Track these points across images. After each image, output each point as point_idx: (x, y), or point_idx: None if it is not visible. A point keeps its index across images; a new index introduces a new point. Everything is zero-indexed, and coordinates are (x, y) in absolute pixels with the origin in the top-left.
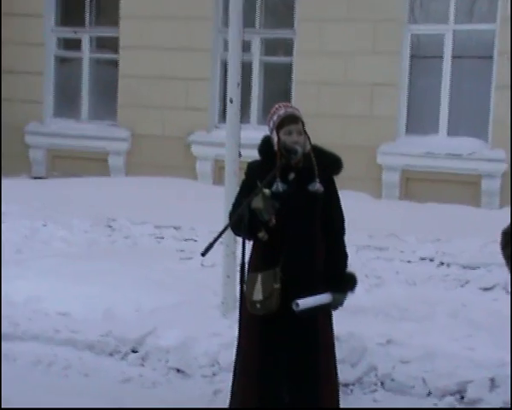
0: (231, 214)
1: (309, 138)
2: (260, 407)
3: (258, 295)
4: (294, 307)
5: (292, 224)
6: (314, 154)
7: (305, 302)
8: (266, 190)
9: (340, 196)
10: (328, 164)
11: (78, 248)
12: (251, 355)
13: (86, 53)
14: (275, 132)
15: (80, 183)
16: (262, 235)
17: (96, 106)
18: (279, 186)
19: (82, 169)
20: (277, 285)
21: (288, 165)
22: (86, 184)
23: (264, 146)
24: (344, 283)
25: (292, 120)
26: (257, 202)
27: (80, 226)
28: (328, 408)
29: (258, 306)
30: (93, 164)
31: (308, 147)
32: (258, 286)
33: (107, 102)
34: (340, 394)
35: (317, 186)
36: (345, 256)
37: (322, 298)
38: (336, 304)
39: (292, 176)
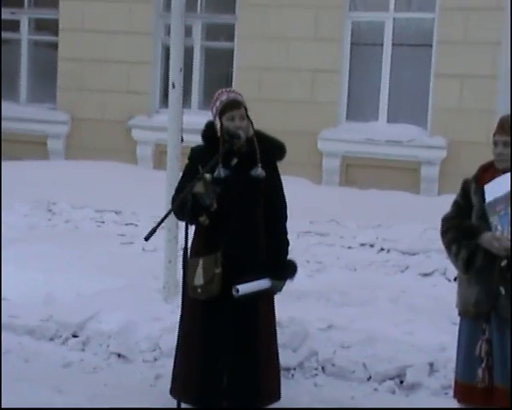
0: (174, 199)
1: (252, 123)
2: (200, 391)
3: (199, 279)
4: (234, 292)
5: (234, 209)
6: (257, 139)
7: (244, 288)
8: (207, 175)
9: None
10: (272, 149)
11: (17, 231)
12: (193, 340)
13: (25, 35)
14: (218, 118)
15: (19, 166)
16: (203, 219)
17: (35, 89)
18: (221, 172)
19: (20, 152)
20: (218, 270)
21: (231, 150)
22: (25, 167)
23: (208, 131)
24: (283, 270)
25: (234, 105)
26: (198, 187)
27: (20, 210)
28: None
29: (199, 290)
30: (32, 147)
31: (251, 132)
32: (200, 271)
33: (46, 84)
34: (281, 378)
35: (259, 171)
36: (285, 243)
37: (262, 283)
38: (275, 290)
39: (234, 161)
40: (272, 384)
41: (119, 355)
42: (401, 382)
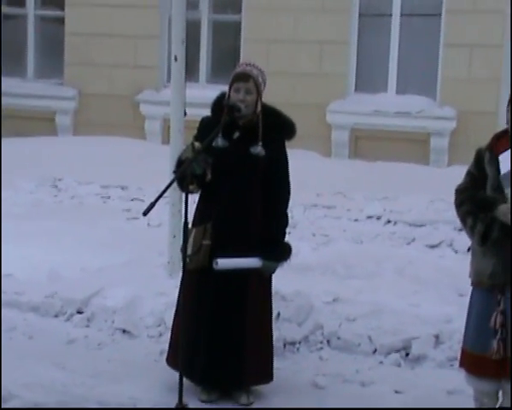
0: (175, 170)
1: (261, 99)
2: (184, 363)
3: (189, 249)
4: (214, 265)
5: (228, 182)
6: (267, 116)
7: (225, 262)
8: (196, 143)
9: (290, 154)
10: (280, 128)
11: (22, 208)
12: (183, 310)
13: (31, 10)
14: (228, 89)
15: (27, 142)
16: (192, 188)
17: (42, 64)
18: (219, 141)
19: (29, 129)
20: (206, 241)
21: (235, 123)
22: (33, 143)
23: (216, 102)
24: (275, 251)
25: (242, 77)
26: (186, 153)
27: (25, 187)
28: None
29: (187, 260)
30: (40, 123)
31: (259, 108)
32: (191, 241)
33: (53, 60)
34: (286, 352)
35: (258, 149)
36: (281, 225)
37: (248, 262)
38: (265, 271)
39: (236, 135)
40: (260, 365)
41: (124, 331)
42: (407, 354)
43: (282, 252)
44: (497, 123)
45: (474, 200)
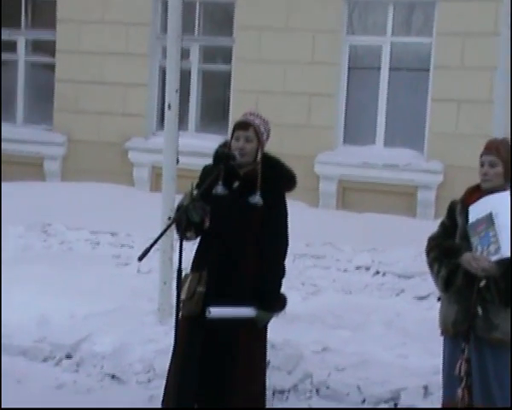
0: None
1: (262, 149)
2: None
3: (183, 295)
4: (207, 313)
5: (226, 230)
6: (269, 166)
7: (217, 311)
8: (194, 191)
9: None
10: (281, 179)
11: (11, 253)
12: (175, 359)
13: (22, 56)
14: (230, 137)
15: (15, 188)
16: (190, 235)
17: (32, 110)
18: (218, 189)
19: (17, 174)
20: (201, 288)
21: (236, 173)
22: (21, 188)
23: (217, 151)
24: (269, 302)
25: (241, 126)
26: (183, 201)
27: (14, 232)
28: None
29: (181, 305)
30: (28, 169)
31: (259, 157)
32: (186, 286)
33: (43, 106)
34: (275, 401)
35: (256, 199)
36: (276, 276)
37: (241, 311)
38: (259, 321)
39: (236, 184)
40: None
41: (113, 377)
42: (395, 405)
43: (276, 303)
44: None
45: (441, 247)
